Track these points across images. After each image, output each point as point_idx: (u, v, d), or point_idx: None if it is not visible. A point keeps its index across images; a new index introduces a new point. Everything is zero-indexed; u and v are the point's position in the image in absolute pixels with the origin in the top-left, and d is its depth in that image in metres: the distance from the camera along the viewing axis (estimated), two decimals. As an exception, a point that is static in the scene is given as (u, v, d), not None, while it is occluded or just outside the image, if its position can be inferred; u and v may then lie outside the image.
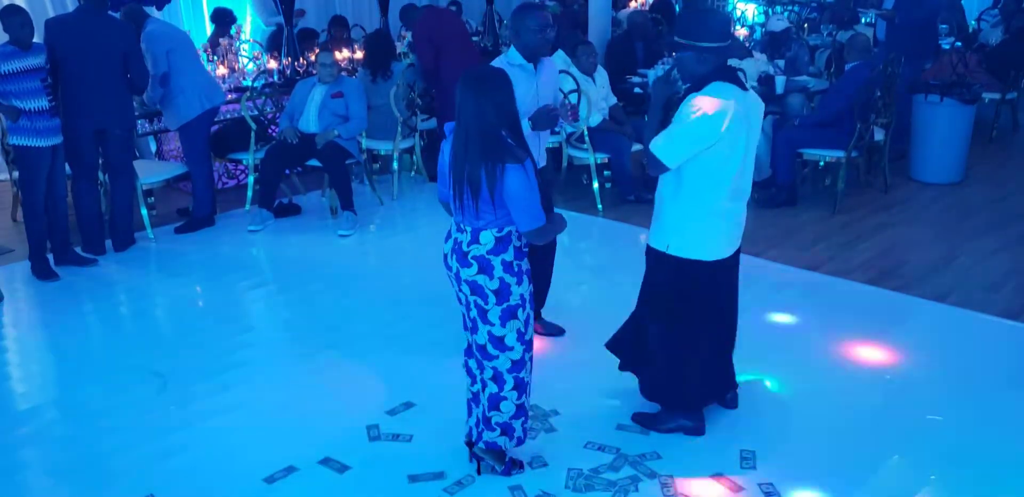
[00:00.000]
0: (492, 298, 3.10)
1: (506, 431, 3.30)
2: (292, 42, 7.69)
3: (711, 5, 10.42)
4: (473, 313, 3.17)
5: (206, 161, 6.12)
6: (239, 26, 8.74)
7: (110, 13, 5.65)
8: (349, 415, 3.80)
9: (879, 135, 6.68)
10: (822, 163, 6.63)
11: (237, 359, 4.36)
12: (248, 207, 6.44)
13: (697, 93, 3.23)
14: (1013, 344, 4.46)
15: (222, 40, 7.94)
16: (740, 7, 11.65)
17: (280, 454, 3.53)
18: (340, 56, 7.67)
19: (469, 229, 3.08)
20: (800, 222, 6.21)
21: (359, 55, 7.75)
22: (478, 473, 3.37)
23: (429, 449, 3.55)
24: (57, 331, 4.78)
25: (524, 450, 3.44)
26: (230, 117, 6.70)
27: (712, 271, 3.43)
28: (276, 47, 8.03)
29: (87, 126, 5.42)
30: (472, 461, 3.40)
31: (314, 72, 6.69)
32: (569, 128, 6.32)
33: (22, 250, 5.60)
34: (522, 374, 3.24)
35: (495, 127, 2.97)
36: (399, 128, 6.65)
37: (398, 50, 7.72)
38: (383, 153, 6.94)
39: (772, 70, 7.28)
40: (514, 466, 3.37)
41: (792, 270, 5.35)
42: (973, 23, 11.27)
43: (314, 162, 6.15)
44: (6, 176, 6.62)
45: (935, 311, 4.81)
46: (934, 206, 6.60)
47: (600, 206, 6.46)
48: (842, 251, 5.66)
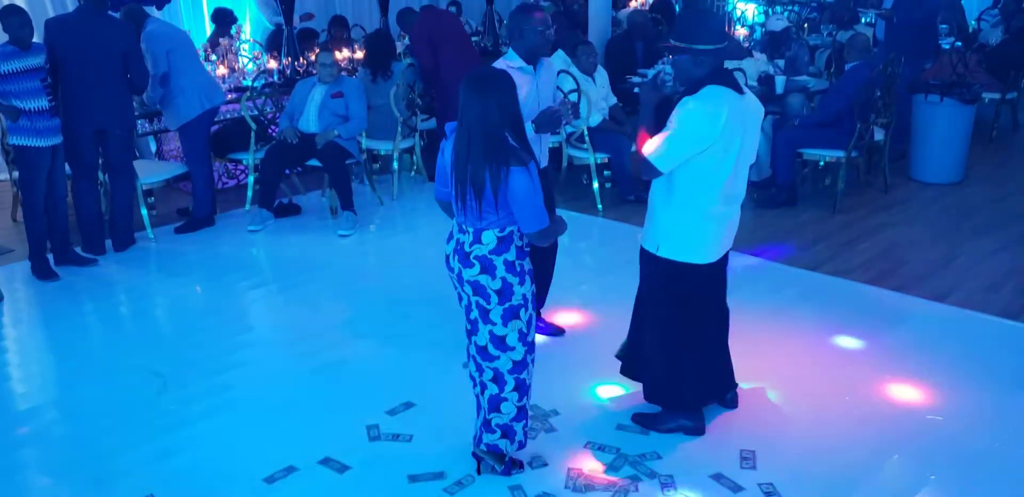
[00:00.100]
0: (494, 298, 3.10)
1: (507, 433, 3.30)
2: (292, 42, 7.68)
3: (710, 5, 10.42)
4: (474, 314, 3.16)
5: (206, 161, 6.12)
6: (239, 26, 8.74)
7: (110, 13, 5.65)
8: (349, 415, 3.80)
9: (879, 135, 6.69)
10: (822, 163, 6.63)
11: (237, 359, 4.37)
12: (248, 207, 6.44)
13: (692, 97, 3.23)
14: (1013, 344, 4.46)
15: (222, 40, 7.94)
16: (740, 7, 11.63)
17: (280, 454, 3.53)
18: (340, 56, 7.67)
19: (471, 230, 3.08)
20: (800, 222, 6.21)
21: (359, 55, 7.75)
22: (478, 473, 3.37)
23: (429, 449, 3.55)
24: (57, 331, 4.78)
25: (524, 450, 3.43)
26: (230, 117, 6.70)
27: (702, 273, 3.43)
28: (276, 47, 8.03)
29: (87, 126, 5.42)
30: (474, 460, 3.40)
31: (314, 72, 6.68)
32: (569, 128, 6.32)
33: (22, 250, 5.60)
34: (523, 375, 3.24)
35: (499, 128, 2.96)
36: (399, 128, 6.65)
37: (398, 51, 7.72)
38: (383, 153, 6.94)
39: (772, 70, 7.28)
40: (514, 466, 3.37)
41: (792, 270, 5.35)
42: (973, 23, 11.27)
43: (314, 162, 6.15)
44: (6, 176, 6.62)
45: (935, 311, 4.81)
46: (934, 206, 6.60)
47: (600, 206, 6.46)
48: (842, 251, 5.66)
